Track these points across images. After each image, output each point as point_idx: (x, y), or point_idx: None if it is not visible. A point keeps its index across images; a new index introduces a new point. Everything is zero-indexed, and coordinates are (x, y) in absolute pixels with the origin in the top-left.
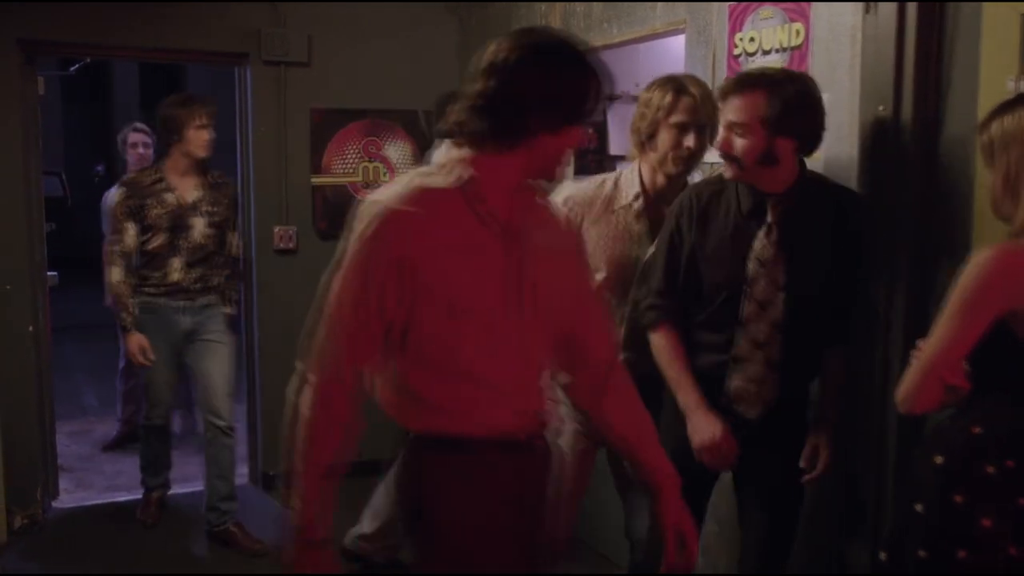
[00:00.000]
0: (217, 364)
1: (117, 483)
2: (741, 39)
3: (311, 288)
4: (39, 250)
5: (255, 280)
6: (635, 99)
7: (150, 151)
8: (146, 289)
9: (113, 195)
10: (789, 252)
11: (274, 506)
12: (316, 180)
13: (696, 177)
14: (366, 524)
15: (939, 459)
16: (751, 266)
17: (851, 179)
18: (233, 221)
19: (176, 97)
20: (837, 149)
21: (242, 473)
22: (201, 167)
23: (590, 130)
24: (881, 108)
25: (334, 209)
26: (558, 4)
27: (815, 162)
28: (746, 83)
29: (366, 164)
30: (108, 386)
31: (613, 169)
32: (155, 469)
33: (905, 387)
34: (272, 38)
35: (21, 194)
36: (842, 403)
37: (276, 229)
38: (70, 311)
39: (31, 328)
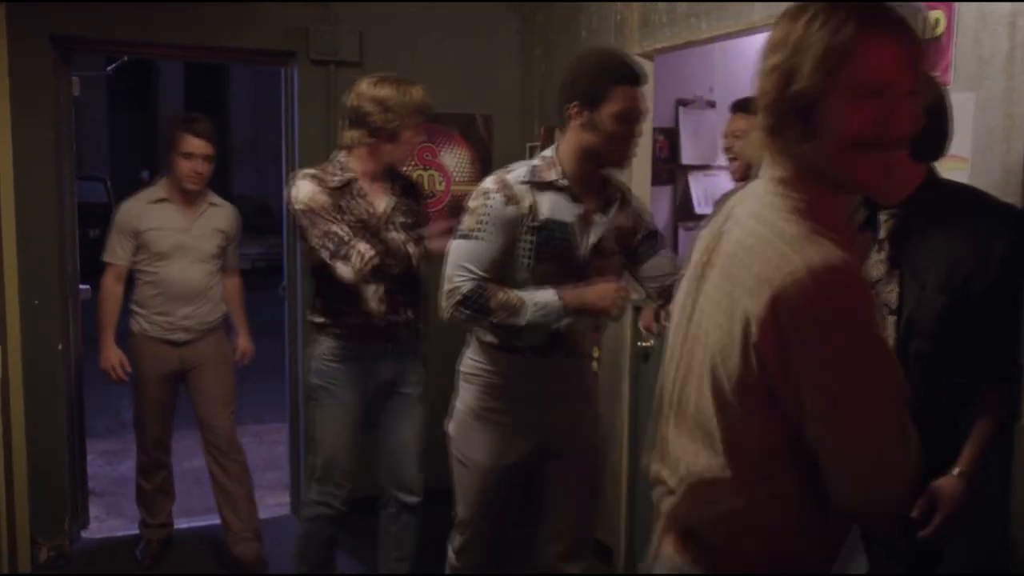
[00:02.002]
0: (414, 426)
1: None
2: None
3: None
4: (72, 262)
5: (299, 298)
6: (710, 104)
7: (209, 168)
8: (335, 330)
9: (302, 189)
10: (904, 272)
11: None
12: None
13: None
14: None
15: None
16: None
17: (1013, 193)
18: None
19: (386, 82)
20: (988, 157)
21: (283, 503)
22: (393, 169)
23: (660, 137)
24: None
25: None
26: (636, 3)
27: (959, 172)
28: None
29: (420, 172)
30: None
31: (685, 181)
32: None
33: None
34: (321, 36)
35: (53, 201)
36: (981, 450)
37: None
38: None
39: (61, 346)
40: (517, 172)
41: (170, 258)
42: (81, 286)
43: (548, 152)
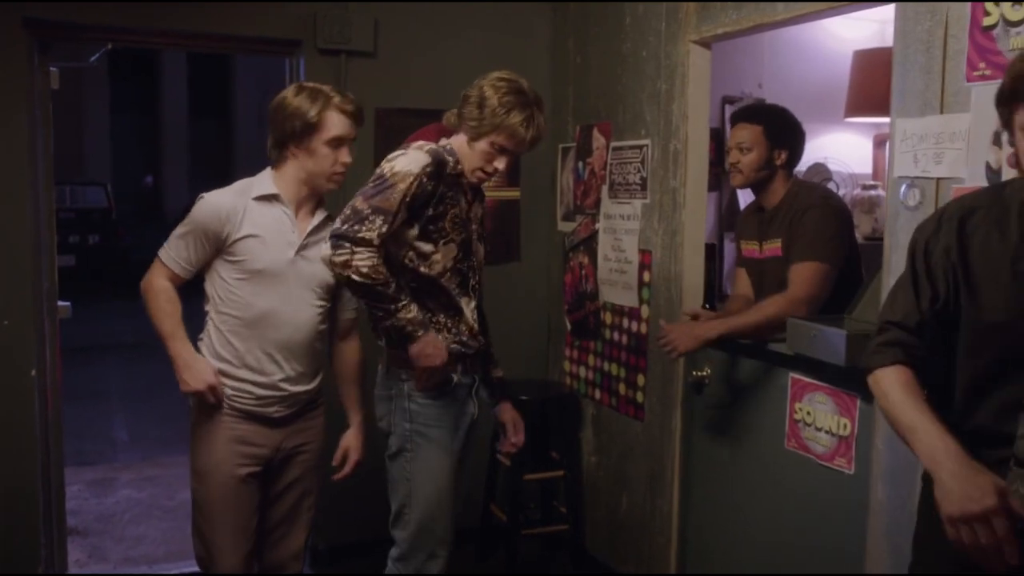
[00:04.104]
0: (467, 474)
1: (136, 553)
2: (997, 4)
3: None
4: (48, 277)
5: None
6: (758, 102)
7: None
8: None
9: (410, 159)
10: None
11: None
12: None
13: None
14: None
15: None
16: None
17: None
18: None
19: (508, 82)
20: None
21: None
22: None
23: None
24: None
25: None
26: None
27: None
28: None
29: None
30: (142, 417)
31: (732, 187)
32: None
33: None
34: (330, 22)
35: (26, 208)
36: None
37: None
38: (111, 329)
39: (34, 372)
40: None
41: (275, 282)
42: (60, 303)
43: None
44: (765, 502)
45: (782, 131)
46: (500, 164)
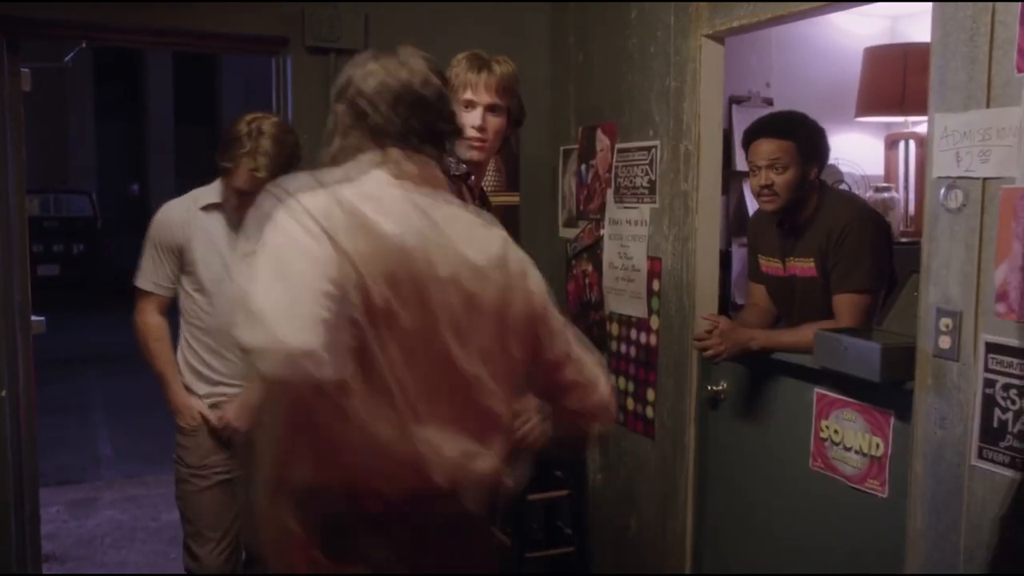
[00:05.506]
0: None
1: None
2: None
3: None
4: (21, 290)
5: None
6: (767, 102)
7: None
8: None
9: None
10: None
11: None
12: None
13: None
14: None
15: None
16: None
17: None
18: None
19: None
20: None
21: None
22: None
23: None
24: None
25: None
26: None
27: None
28: None
29: None
30: (128, 430)
31: (739, 190)
32: None
33: None
34: (319, 19)
35: None
36: None
37: None
38: (96, 340)
39: (4, 392)
40: None
41: (224, 292)
42: (34, 318)
43: None
44: (788, 525)
45: (815, 145)
46: (474, 119)
